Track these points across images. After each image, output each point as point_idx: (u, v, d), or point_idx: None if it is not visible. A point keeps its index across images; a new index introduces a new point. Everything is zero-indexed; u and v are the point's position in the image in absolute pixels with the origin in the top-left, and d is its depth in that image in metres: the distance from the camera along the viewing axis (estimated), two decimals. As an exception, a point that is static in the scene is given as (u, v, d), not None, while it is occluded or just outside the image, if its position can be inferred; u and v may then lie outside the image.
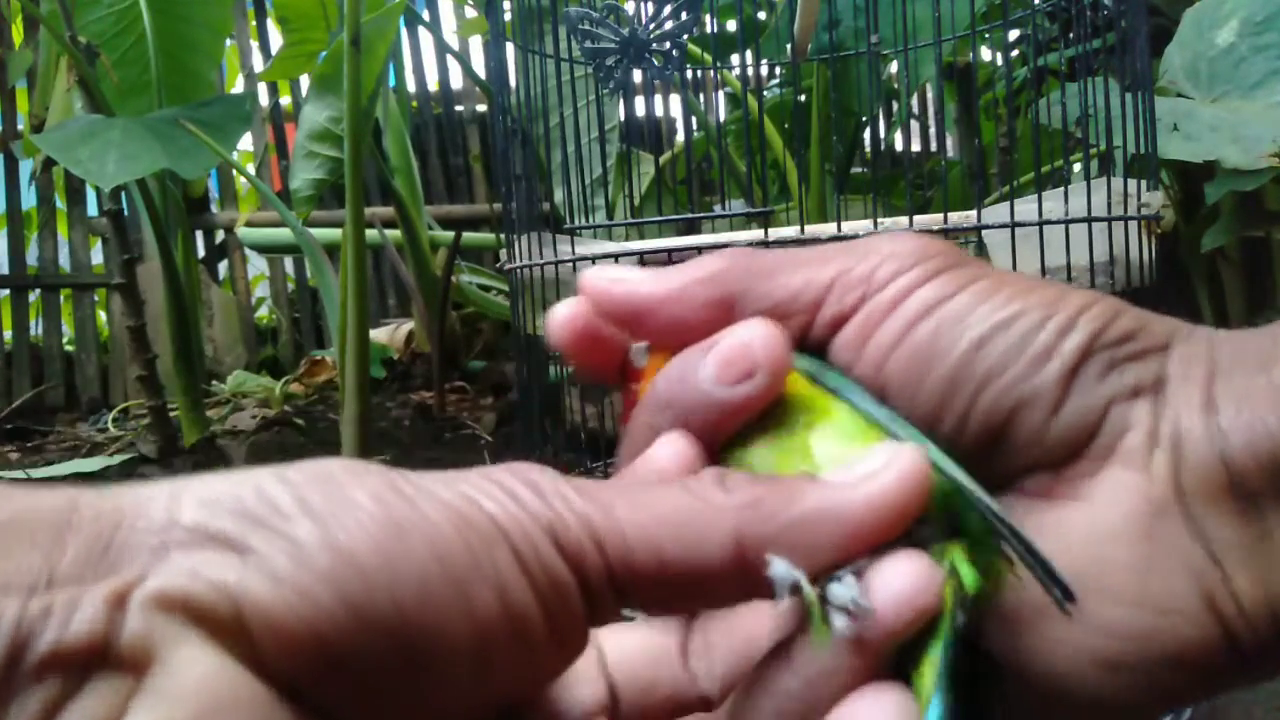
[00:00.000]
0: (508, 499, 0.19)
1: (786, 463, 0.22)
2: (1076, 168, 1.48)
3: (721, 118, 2.20)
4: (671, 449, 0.22)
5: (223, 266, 2.96)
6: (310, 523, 0.17)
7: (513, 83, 0.97)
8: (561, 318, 0.25)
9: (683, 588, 0.19)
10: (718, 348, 0.22)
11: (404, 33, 2.85)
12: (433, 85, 3.01)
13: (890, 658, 0.19)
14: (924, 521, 0.20)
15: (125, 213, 1.87)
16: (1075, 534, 0.21)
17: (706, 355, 0.23)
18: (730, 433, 0.23)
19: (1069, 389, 0.21)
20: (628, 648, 0.25)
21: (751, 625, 0.25)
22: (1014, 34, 1.91)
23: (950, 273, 0.23)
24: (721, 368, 0.22)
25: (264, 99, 2.91)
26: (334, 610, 0.16)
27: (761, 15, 1.94)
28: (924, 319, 0.22)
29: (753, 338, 0.22)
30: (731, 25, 2.09)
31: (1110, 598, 0.20)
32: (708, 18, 0.85)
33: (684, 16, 0.78)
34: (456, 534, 0.18)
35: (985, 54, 2.16)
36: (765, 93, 2.04)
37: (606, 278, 0.25)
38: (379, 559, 0.17)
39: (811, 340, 0.24)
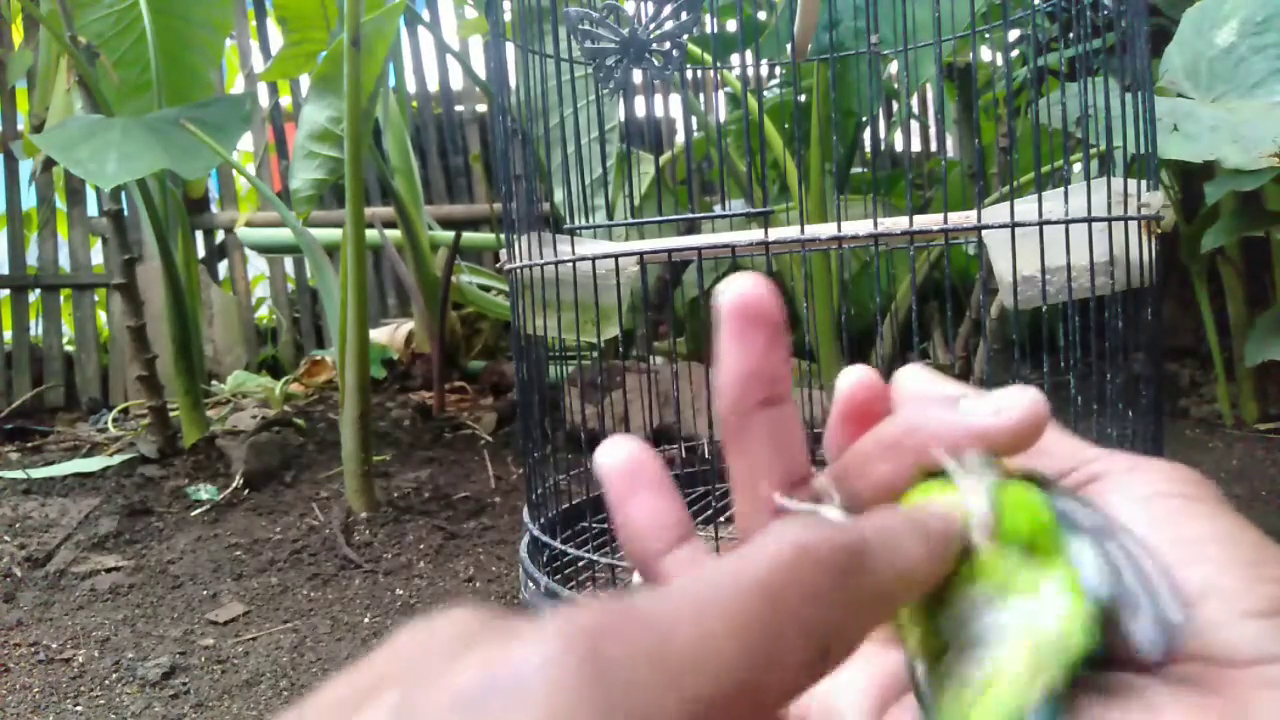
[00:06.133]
0: None
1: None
2: (1076, 168, 1.48)
3: (721, 118, 2.20)
4: None
5: (223, 266, 2.96)
6: None
7: (513, 83, 0.96)
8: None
9: None
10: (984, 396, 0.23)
11: (404, 33, 2.85)
12: (433, 85, 3.01)
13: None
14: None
15: (125, 213, 1.87)
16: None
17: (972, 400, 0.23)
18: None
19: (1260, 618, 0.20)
20: None
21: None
22: (1014, 34, 1.91)
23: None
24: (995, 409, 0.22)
25: (264, 99, 2.91)
26: None
27: (761, 15, 1.93)
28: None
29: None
30: (731, 25, 2.09)
31: None
32: (708, 18, 0.85)
33: (684, 16, 0.78)
34: None
35: (985, 54, 2.16)
36: (765, 93, 2.04)
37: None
38: None
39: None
